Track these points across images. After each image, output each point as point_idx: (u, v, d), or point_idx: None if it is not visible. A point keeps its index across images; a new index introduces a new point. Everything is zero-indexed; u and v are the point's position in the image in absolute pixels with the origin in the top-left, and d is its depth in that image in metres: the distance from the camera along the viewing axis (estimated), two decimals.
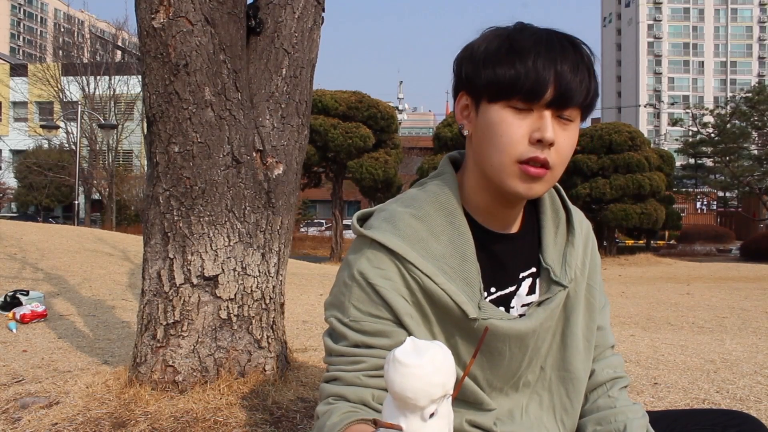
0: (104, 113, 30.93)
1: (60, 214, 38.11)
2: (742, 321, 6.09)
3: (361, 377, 1.01)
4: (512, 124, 0.99)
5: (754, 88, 31.35)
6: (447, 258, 1.05)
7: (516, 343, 1.07)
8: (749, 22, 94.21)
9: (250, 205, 2.31)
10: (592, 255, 1.21)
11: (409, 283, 1.03)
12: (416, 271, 1.02)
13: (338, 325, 1.05)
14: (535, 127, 0.98)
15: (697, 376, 3.14)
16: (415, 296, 1.03)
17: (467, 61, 1.04)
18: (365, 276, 1.03)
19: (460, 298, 1.03)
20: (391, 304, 1.02)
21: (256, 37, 2.40)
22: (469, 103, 1.05)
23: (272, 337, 2.39)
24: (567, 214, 1.20)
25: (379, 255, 1.04)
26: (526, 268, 1.14)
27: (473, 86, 1.03)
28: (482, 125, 1.02)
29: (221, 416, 2.05)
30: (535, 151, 0.98)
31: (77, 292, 5.93)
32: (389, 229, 1.05)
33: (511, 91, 0.97)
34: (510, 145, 0.99)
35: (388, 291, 1.02)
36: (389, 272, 1.03)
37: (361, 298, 1.03)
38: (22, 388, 2.46)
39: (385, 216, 1.08)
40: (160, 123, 2.21)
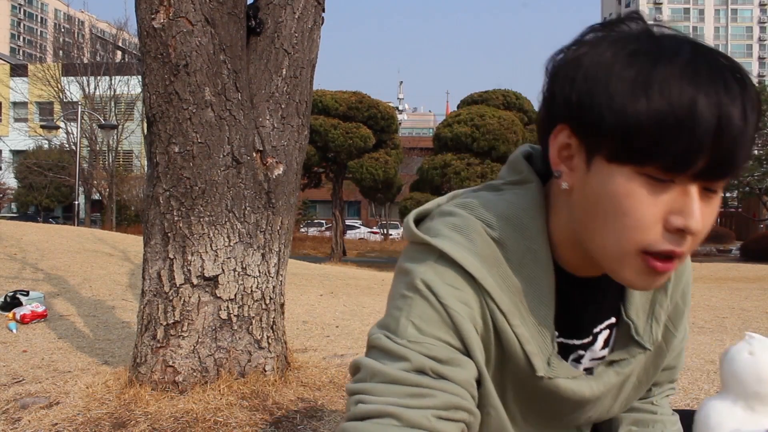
0: (104, 113, 30.95)
1: (60, 215, 38.13)
2: (743, 321, 6.09)
3: (431, 418, 0.74)
4: (644, 202, 0.69)
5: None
6: (523, 294, 0.82)
7: (572, 404, 0.90)
8: (749, 23, 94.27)
9: (250, 206, 2.31)
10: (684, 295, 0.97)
11: (485, 314, 0.80)
12: (492, 305, 0.80)
13: (391, 344, 0.78)
14: (676, 207, 0.69)
15: (697, 376, 3.14)
16: (487, 331, 0.81)
17: (581, 80, 0.71)
18: (434, 291, 0.78)
19: (531, 348, 0.83)
20: (464, 334, 0.78)
21: (256, 38, 2.40)
22: (573, 144, 0.74)
23: (272, 338, 2.39)
24: None
25: (450, 272, 0.79)
26: (605, 318, 0.92)
27: (588, 126, 0.71)
28: (596, 189, 0.72)
29: (221, 416, 2.05)
30: (671, 243, 0.70)
31: (77, 292, 5.93)
32: (463, 243, 0.81)
33: (652, 155, 0.67)
34: (637, 230, 0.70)
35: (464, 319, 0.78)
36: (466, 296, 0.79)
37: (426, 316, 0.78)
38: (22, 389, 2.46)
39: (454, 224, 0.83)
40: (160, 123, 2.21)
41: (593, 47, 0.72)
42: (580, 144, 0.73)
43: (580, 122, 0.72)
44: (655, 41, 0.70)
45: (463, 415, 0.77)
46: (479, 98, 22.38)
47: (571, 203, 0.78)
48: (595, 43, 0.73)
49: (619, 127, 0.67)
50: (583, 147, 0.73)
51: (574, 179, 0.75)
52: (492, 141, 19.78)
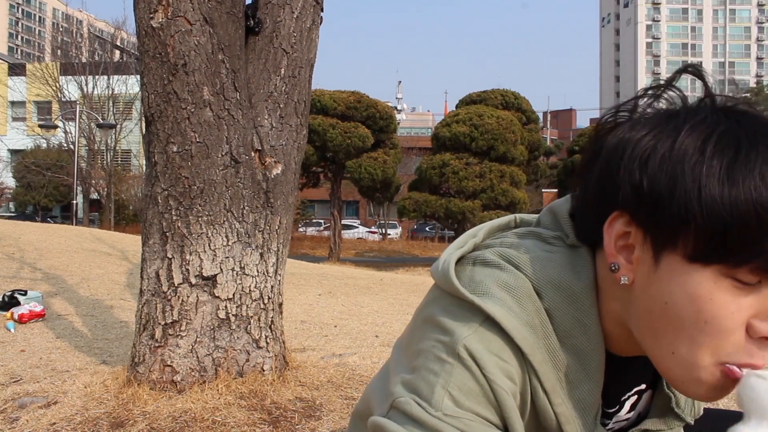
0: (103, 113, 30.92)
1: (58, 214, 38.09)
2: None
3: None
4: (728, 308, 0.61)
5: (752, 89, 31.42)
6: (569, 370, 0.74)
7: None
8: (747, 23, 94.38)
9: (248, 205, 2.31)
10: None
11: (526, 391, 0.72)
12: (536, 382, 0.72)
13: (423, 414, 0.69)
14: (763, 312, 0.61)
15: None
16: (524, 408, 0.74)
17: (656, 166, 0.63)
18: (478, 360, 0.69)
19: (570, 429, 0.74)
20: (506, 412, 0.70)
21: (254, 37, 2.40)
22: (632, 233, 0.67)
23: (270, 337, 2.39)
24: None
25: (498, 341, 0.70)
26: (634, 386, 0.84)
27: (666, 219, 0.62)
28: (666, 290, 0.64)
29: (219, 416, 2.05)
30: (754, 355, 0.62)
31: (75, 291, 5.92)
32: (514, 309, 0.71)
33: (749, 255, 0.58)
34: (719, 338, 0.62)
35: (508, 396, 0.69)
36: (512, 370, 0.70)
37: (467, 388, 0.69)
38: (20, 388, 2.46)
39: (506, 283, 0.73)
40: (158, 122, 2.21)
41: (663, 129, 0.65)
42: (645, 236, 0.65)
43: (653, 213, 0.63)
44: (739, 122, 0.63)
45: None
46: (478, 98, 22.39)
47: (630, 298, 0.70)
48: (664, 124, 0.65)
49: (711, 221, 0.58)
50: (650, 240, 0.65)
51: (637, 274, 0.67)
52: (490, 141, 19.79)
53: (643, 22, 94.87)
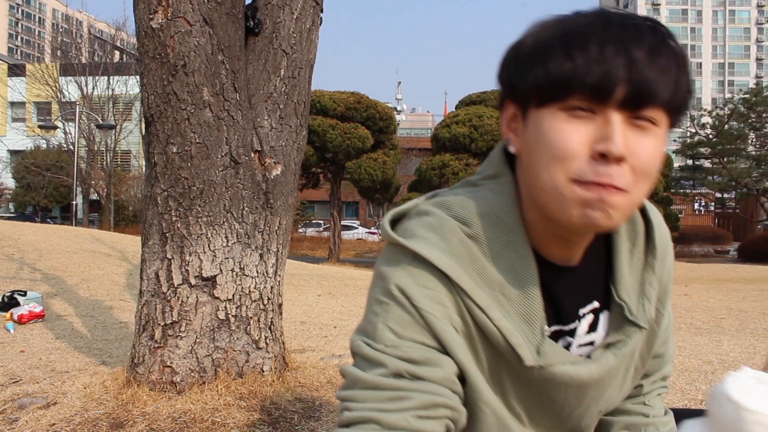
0: (102, 113, 30.90)
1: (58, 215, 38.07)
2: (740, 322, 6.09)
3: (410, 419, 0.77)
4: (566, 131, 0.74)
5: (751, 90, 31.45)
6: (503, 286, 0.83)
7: (574, 392, 0.88)
8: (747, 24, 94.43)
9: (248, 206, 2.31)
10: (669, 273, 0.98)
11: (461, 310, 0.82)
12: (470, 302, 0.82)
13: (369, 351, 0.81)
14: (600, 136, 0.73)
15: (695, 377, 3.14)
16: (468, 328, 0.83)
17: (512, 61, 0.81)
18: (408, 295, 0.81)
19: (516, 340, 0.83)
20: (440, 334, 0.81)
21: (254, 38, 2.40)
22: (517, 113, 0.82)
23: (270, 338, 2.39)
24: (647, 224, 0.94)
25: (425, 273, 0.81)
26: (588, 301, 0.92)
27: (520, 90, 0.79)
28: (531, 137, 0.78)
29: (219, 417, 2.05)
30: (598, 171, 0.73)
31: (75, 292, 5.92)
32: (437, 243, 0.82)
33: (567, 88, 0.73)
34: (564, 159, 0.74)
35: (438, 319, 0.80)
36: (440, 295, 0.81)
37: (402, 320, 0.80)
38: (19, 389, 2.45)
39: (430, 223, 0.85)
40: (158, 123, 2.21)
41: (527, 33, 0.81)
42: (519, 110, 0.81)
43: (517, 89, 0.80)
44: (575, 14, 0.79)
45: (444, 411, 0.80)
46: (477, 99, 22.39)
47: (522, 167, 0.83)
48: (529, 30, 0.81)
49: (545, 77, 0.74)
50: (521, 110, 0.80)
51: (519, 141, 0.82)
52: (490, 141, 19.79)
53: None
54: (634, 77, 0.72)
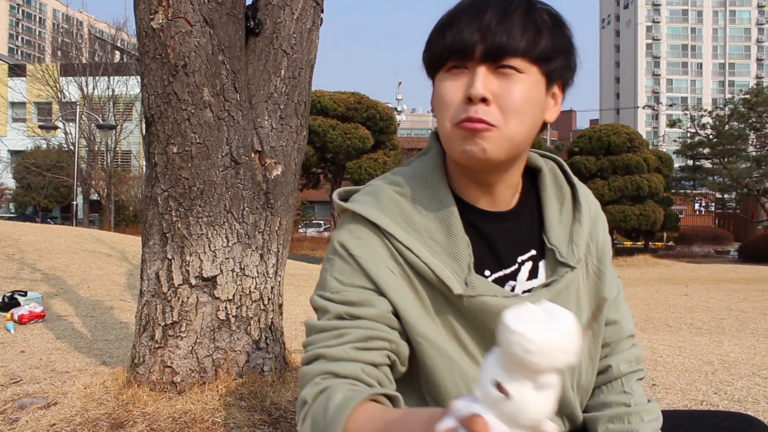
0: (103, 114, 30.90)
1: (58, 215, 38.08)
2: (740, 322, 6.09)
3: (348, 350, 0.92)
4: (448, 86, 0.94)
5: (752, 90, 31.41)
6: (431, 232, 0.99)
7: None
8: (747, 24, 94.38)
9: (248, 206, 2.31)
10: (603, 237, 1.12)
11: (393, 254, 0.98)
12: (398, 245, 0.97)
13: (320, 301, 0.99)
14: (468, 85, 0.92)
15: (695, 377, 3.14)
16: (402, 268, 0.98)
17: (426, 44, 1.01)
18: (346, 247, 0.98)
19: (443, 273, 0.96)
20: (372, 275, 0.96)
21: (254, 38, 2.40)
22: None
23: (270, 338, 2.39)
24: (572, 189, 1.10)
25: (359, 227, 0.99)
26: (525, 250, 1.05)
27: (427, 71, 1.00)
28: (433, 100, 0.99)
29: (219, 417, 2.05)
30: (468, 111, 0.91)
31: (75, 292, 5.92)
32: (370, 202, 1.01)
33: (442, 57, 0.94)
34: (449, 108, 0.94)
35: (369, 261, 0.97)
36: (370, 242, 0.98)
37: (343, 269, 0.98)
38: (20, 389, 2.46)
39: (367, 190, 1.04)
40: (158, 123, 2.21)
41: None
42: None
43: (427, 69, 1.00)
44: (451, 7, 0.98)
45: (382, 344, 0.94)
46: None
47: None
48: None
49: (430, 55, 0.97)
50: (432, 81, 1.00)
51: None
52: None
53: (643, 24, 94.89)
54: (488, 38, 0.90)
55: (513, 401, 0.64)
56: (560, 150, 38.74)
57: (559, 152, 38.53)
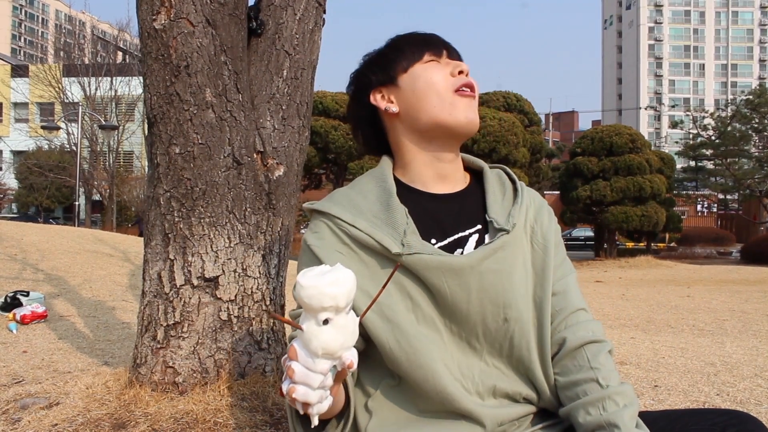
0: (105, 114, 30.92)
1: (60, 215, 38.12)
2: (743, 324, 6.08)
3: None
4: (434, 72, 1.24)
5: (754, 91, 31.33)
6: (374, 212, 1.20)
7: (453, 280, 1.14)
8: (750, 25, 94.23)
9: (250, 207, 2.31)
10: (548, 222, 1.29)
11: (341, 237, 1.19)
12: (344, 224, 1.18)
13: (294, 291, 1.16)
14: (450, 68, 1.25)
15: (697, 378, 3.13)
16: (350, 247, 1.18)
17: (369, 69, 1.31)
18: (306, 241, 1.21)
19: (382, 238, 1.15)
20: (323, 260, 1.15)
21: (257, 39, 2.40)
22: (384, 92, 1.28)
23: (272, 339, 2.39)
24: (514, 185, 1.32)
25: (316, 222, 1.22)
26: (472, 225, 1.24)
27: (386, 75, 1.27)
28: (410, 87, 1.24)
29: (221, 417, 2.05)
30: (462, 79, 1.23)
31: (77, 293, 5.93)
32: (325, 200, 1.26)
33: (421, 53, 1.26)
34: (443, 81, 1.22)
35: (320, 249, 1.18)
36: (323, 233, 1.20)
37: (305, 261, 1.20)
38: (22, 389, 2.46)
39: (327, 196, 1.29)
40: (160, 124, 2.22)
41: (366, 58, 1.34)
42: (388, 88, 1.28)
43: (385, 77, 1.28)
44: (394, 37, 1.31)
45: None
46: (480, 100, 22.34)
47: (402, 116, 1.27)
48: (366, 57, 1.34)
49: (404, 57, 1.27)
50: (390, 86, 1.27)
51: (397, 101, 1.27)
52: (492, 143, 19.77)
53: (646, 24, 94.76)
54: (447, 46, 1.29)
55: (305, 333, 0.88)
56: (562, 151, 38.68)
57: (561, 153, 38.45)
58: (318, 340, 0.87)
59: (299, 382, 0.88)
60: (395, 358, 1.13)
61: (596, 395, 1.11)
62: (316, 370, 0.87)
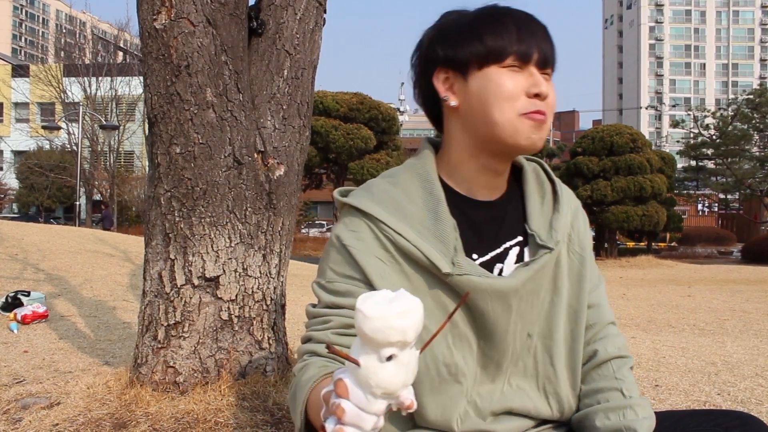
0: (106, 114, 30.94)
1: (61, 215, 38.14)
2: (744, 323, 6.08)
3: (330, 335, 1.04)
4: (508, 80, 1.06)
5: (755, 91, 31.32)
6: (421, 219, 1.08)
7: (498, 302, 1.07)
8: (751, 24, 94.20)
9: (251, 206, 2.31)
10: (584, 228, 1.22)
11: (384, 243, 1.07)
12: (388, 230, 1.06)
13: (316, 289, 1.11)
14: (530, 83, 1.06)
15: (698, 378, 3.13)
16: (392, 255, 1.07)
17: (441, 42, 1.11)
18: (340, 239, 1.08)
19: (431, 254, 1.05)
20: (361, 264, 1.06)
21: (257, 39, 2.40)
22: (450, 76, 1.11)
23: (273, 339, 2.39)
24: (552, 185, 1.22)
25: (354, 219, 1.09)
26: (512, 237, 1.15)
27: (456, 60, 1.09)
28: (477, 90, 1.08)
29: (222, 417, 2.05)
30: (536, 105, 1.06)
31: (78, 292, 5.93)
32: (364, 195, 1.11)
33: (502, 55, 1.06)
34: (512, 99, 1.05)
35: (359, 252, 1.06)
36: (362, 234, 1.07)
37: (337, 260, 1.09)
38: (23, 389, 2.46)
39: (362, 186, 1.15)
40: (161, 124, 2.22)
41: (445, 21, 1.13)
42: (455, 74, 1.10)
43: (452, 59, 1.09)
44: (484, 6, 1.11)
45: None
46: None
47: (462, 115, 1.11)
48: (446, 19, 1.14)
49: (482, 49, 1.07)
50: (458, 74, 1.10)
51: (460, 96, 1.10)
52: None
53: (646, 24, 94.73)
54: (541, 49, 1.07)
55: (362, 369, 0.76)
56: (563, 150, 38.66)
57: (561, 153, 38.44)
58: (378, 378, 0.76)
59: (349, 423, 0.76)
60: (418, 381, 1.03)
61: (618, 403, 1.12)
62: (371, 411, 0.76)
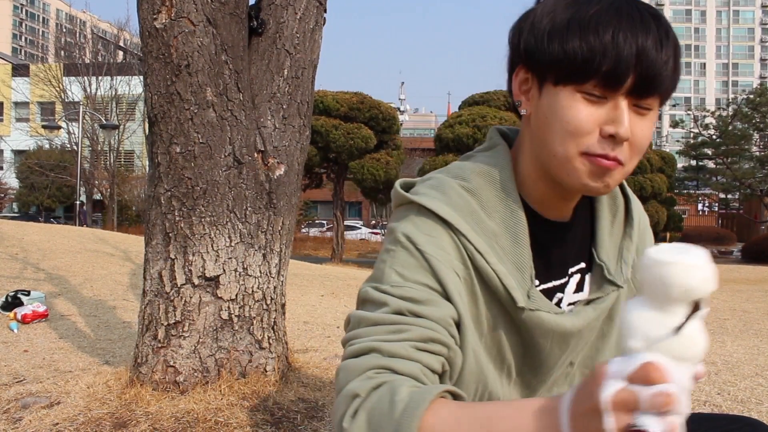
0: (106, 113, 30.95)
1: (61, 215, 38.14)
2: (744, 323, 6.08)
3: (409, 349, 0.81)
4: (582, 112, 0.83)
5: (755, 90, 31.35)
6: (499, 237, 0.92)
7: (558, 341, 0.96)
8: (751, 24, 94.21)
9: (251, 206, 2.31)
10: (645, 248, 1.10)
11: (464, 257, 0.90)
12: (470, 246, 0.89)
13: (375, 293, 0.88)
14: (609, 119, 0.83)
15: None
16: (468, 272, 0.90)
17: (528, 32, 0.89)
18: (413, 240, 0.88)
19: (510, 283, 0.90)
20: (441, 276, 0.86)
21: (257, 38, 2.40)
22: (529, 78, 0.91)
23: (273, 338, 2.39)
24: (626, 201, 1.05)
25: (428, 222, 0.90)
26: (576, 262, 1.01)
27: (536, 62, 0.87)
28: (545, 108, 0.87)
29: (222, 416, 2.05)
30: (605, 148, 0.83)
31: (78, 292, 5.93)
32: (438, 197, 0.91)
33: (585, 75, 0.82)
34: (578, 135, 0.84)
35: (440, 262, 0.87)
36: (442, 242, 0.89)
37: (407, 263, 0.88)
38: (23, 388, 2.46)
39: (432, 184, 0.94)
40: (161, 123, 2.22)
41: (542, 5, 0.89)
42: (533, 78, 0.90)
43: (533, 60, 0.88)
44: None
45: (440, 348, 0.84)
46: (481, 99, 22.35)
47: (531, 129, 0.92)
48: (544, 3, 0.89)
49: (562, 59, 0.83)
50: (536, 78, 0.89)
51: (531, 105, 0.91)
52: None
53: None
54: (643, 67, 0.81)
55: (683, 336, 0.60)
56: None
57: None
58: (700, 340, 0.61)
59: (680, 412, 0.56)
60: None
61: None
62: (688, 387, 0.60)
